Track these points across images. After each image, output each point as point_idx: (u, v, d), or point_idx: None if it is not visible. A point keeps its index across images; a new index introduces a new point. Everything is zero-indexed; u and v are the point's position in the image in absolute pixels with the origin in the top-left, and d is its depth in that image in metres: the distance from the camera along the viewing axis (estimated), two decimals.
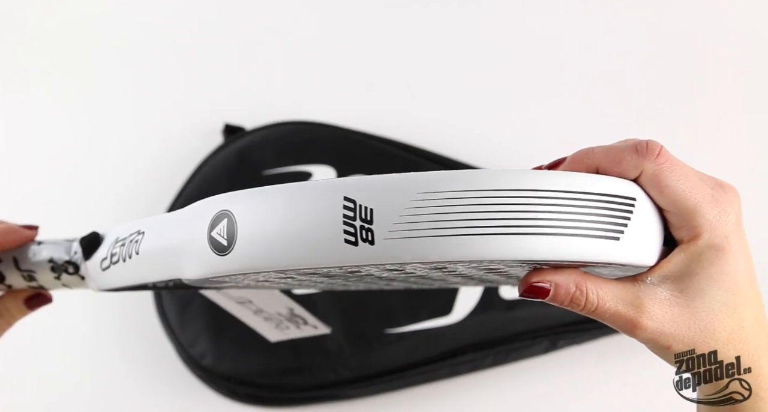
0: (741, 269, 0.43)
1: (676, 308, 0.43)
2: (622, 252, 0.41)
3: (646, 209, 0.42)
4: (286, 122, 1.01)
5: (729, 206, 0.44)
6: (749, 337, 0.44)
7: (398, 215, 0.39)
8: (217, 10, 1.18)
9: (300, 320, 0.71)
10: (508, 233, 0.39)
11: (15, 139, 1.09)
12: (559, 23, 1.17)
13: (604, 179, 0.41)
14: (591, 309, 0.43)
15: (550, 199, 0.39)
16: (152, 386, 0.92)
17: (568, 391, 0.91)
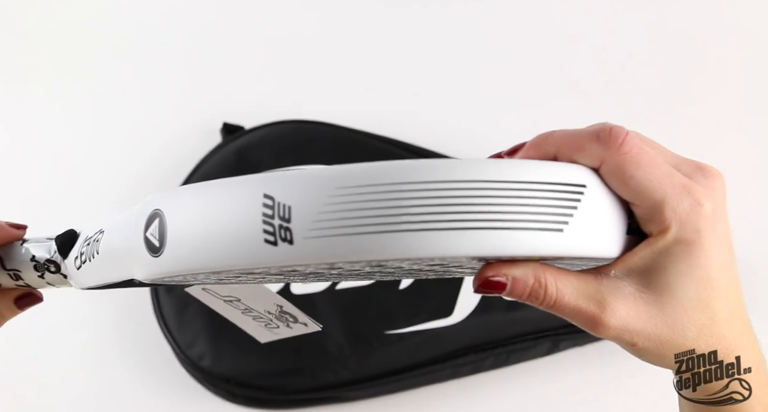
0: (714, 263, 0.40)
1: (641, 304, 0.40)
2: (566, 244, 0.37)
3: (599, 198, 0.39)
4: (285, 121, 1.01)
5: (705, 194, 0.40)
6: (723, 331, 0.42)
7: (317, 212, 0.36)
8: (216, 9, 1.19)
9: (289, 318, 0.69)
10: (431, 228, 0.36)
11: (15, 138, 1.09)
12: (559, 23, 1.17)
13: (546, 166, 0.38)
14: (550, 303, 0.40)
15: (481, 191, 0.36)
16: (150, 388, 0.91)
17: (569, 393, 0.90)
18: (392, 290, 0.89)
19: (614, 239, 0.40)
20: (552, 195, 0.37)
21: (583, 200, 0.38)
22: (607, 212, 0.39)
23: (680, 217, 0.39)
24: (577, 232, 0.38)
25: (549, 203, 0.37)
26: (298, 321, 0.68)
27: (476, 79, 1.12)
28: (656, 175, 0.39)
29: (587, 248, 0.38)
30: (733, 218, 1.03)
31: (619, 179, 0.39)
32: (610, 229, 0.39)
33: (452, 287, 0.89)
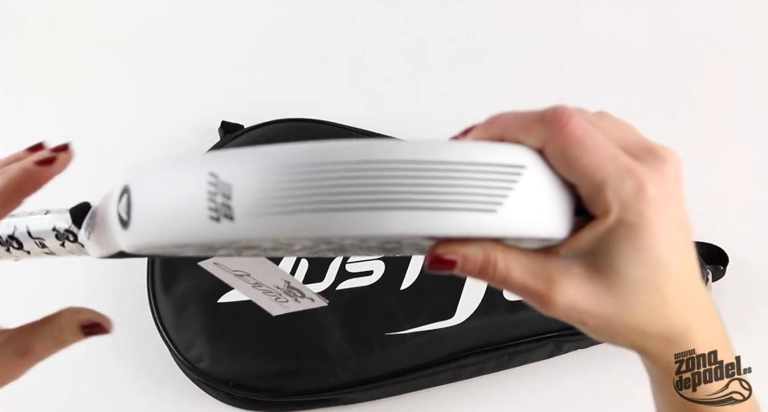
0: (661, 246, 0.40)
1: (589, 285, 0.40)
2: (498, 225, 0.37)
3: (539, 179, 0.39)
4: (284, 120, 1.02)
5: (651, 177, 0.39)
6: (674, 312, 0.42)
7: (257, 190, 0.37)
8: (216, 8, 1.20)
9: (297, 293, 0.70)
10: (363, 208, 0.37)
11: (13, 138, 1.09)
12: (560, 23, 1.17)
13: (482, 147, 0.38)
14: (500, 279, 0.40)
15: (414, 171, 0.37)
16: (148, 390, 0.91)
17: (572, 396, 0.90)
18: (393, 291, 0.88)
19: (558, 220, 0.40)
20: (486, 176, 0.38)
21: (521, 181, 0.38)
22: (548, 192, 0.39)
23: (622, 199, 0.39)
24: (512, 212, 0.38)
25: (482, 184, 0.37)
26: (305, 296, 0.69)
27: (476, 79, 1.13)
28: (598, 157, 0.39)
29: (523, 228, 0.38)
30: (734, 218, 1.03)
31: (561, 161, 0.39)
32: (553, 210, 0.39)
33: (454, 288, 0.89)
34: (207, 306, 0.88)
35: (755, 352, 0.48)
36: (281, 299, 0.69)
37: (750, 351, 0.48)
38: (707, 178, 1.04)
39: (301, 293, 0.68)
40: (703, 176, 1.04)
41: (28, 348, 0.46)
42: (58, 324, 0.47)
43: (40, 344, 0.47)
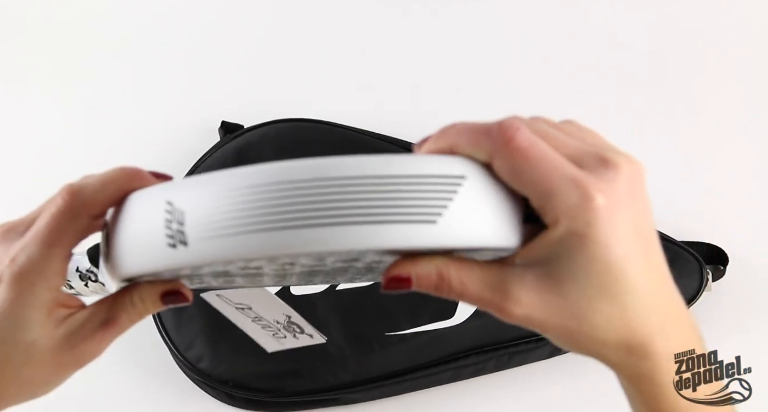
0: (615, 256, 0.39)
1: (545, 293, 0.40)
2: (439, 236, 0.38)
3: (480, 188, 0.39)
4: (284, 120, 1.01)
5: (599, 187, 0.39)
6: (635, 323, 0.41)
7: (206, 214, 0.39)
8: (216, 8, 1.20)
9: (296, 329, 0.71)
10: (309, 225, 0.38)
11: (12, 137, 1.10)
12: (560, 23, 1.17)
13: (419, 160, 0.39)
14: (457, 294, 0.41)
15: (353, 187, 0.38)
16: (148, 390, 0.91)
17: (573, 395, 0.90)
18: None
19: (505, 229, 0.40)
20: (424, 188, 0.38)
21: (461, 192, 0.39)
22: (491, 202, 0.39)
23: (569, 210, 0.39)
24: (453, 223, 0.38)
25: (421, 196, 0.38)
26: (305, 332, 0.70)
27: (476, 78, 1.13)
28: (544, 169, 0.39)
29: (465, 238, 0.39)
30: (734, 218, 1.03)
31: (509, 174, 0.40)
32: (498, 219, 0.40)
33: None
34: (207, 306, 0.88)
35: (755, 352, 0.48)
36: (279, 334, 0.70)
37: (750, 351, 0.48)
38: (707, 178, 1.04)
39: (300, 328, 0.69)
40: (703, 176, 1.04)
41: (112, 319, 0.47)
42: (138, 294, 0.48)
43: (123, 315, 0.47)
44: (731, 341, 0.79)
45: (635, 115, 1.09)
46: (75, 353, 0.47)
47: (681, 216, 0.97)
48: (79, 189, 0.44)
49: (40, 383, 0.48)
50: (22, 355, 0.46)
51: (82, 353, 0.47)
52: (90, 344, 0.47)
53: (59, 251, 0.45)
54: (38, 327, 0.46)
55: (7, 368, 0.46)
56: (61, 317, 0.47)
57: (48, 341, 0.46)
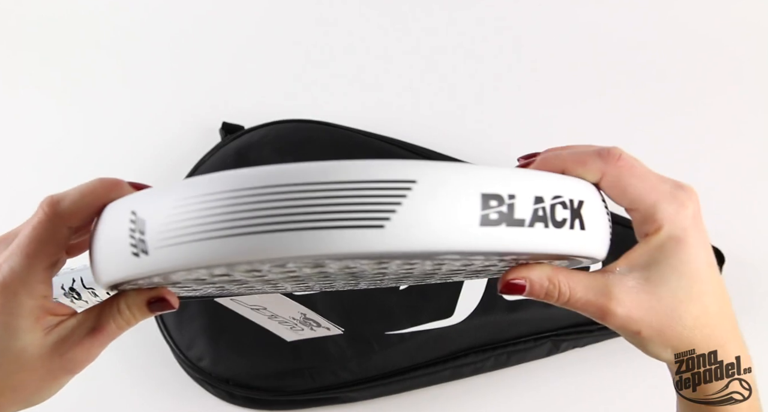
0: (701, 260, 0.46)
1: (643, 295, 0.45)
2: (389, 240, 0.38)
3: (433, 192, 0.39)
4: (284, 121, 1.01)
5: (687, 201, 0.46)
6: (715, 323, 0.47)
7: (164, 222, 0.40)
8: (216, 8, 1.19)
9: (313, 323, 0.72)
10: (259, 231, 0.38)
11: (10, 138, 1.09)
12: (561, 22, 1.17)
13: (370, 165, 0.39)
14: (564, 300, 0.45)
15: (303, 193, 0.38)
16: (149, 389, 0.91)
17: (570, 394, 0.90)
18: (393, 291, 0.89)
19: (461, 232, 0.39)
20: (372, 193, 0.38)
21: (410, 196, 0.38)
22: (445, 206, 0.39)
23: (670, 217, 0.45)
24: (402, 228, 0.38)
25: (369, 201, 0.38)
26: (321, 326, 0.71)
27: (476, 78, 1.13)
28: (649, 183, 0.46)
29: (416, 243, 0.39)
30: (734, 219, 1.03)
31: (619, 188, 0.46)
32: (453, 222, 0.39)
33: (453, 288, 0.89)
34: (208, 306, 0.88)
35: (752, 351, 0.49)
36: (297, 327, 0.71)
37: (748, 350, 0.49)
38: (703, 178, 1.04)
39: (317, 323, 0.70)
40: (699, 176, 1.04)
41: (100, 326, 0.48)
42: (124, 301, 0.49)
43: (111, 322, 0.48)
44: None
45: (632, 115, 1.09)
46: (64, 360, 0.47)
47: None
48: (58, 201, 0.45)
49: (33, 389, 0.48)
50: (12, 362, 0.47)
51: (72, 359, 0.48)
52: (79, 350, 0.47)
53: (40, 260, 0.46)
54: (27, 334, 0.47)
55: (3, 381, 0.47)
56: (51, 324, 0.48)
57: (38, 348, 0.47)
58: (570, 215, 0.42)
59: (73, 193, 0.45)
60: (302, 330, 0.72)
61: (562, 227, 0.41)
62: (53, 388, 0.49)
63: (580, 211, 0.42)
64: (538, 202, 0.40)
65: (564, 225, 0.41)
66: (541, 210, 0.41)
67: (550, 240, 0.41)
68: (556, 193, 0.41)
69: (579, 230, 0.42)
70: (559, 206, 0.41)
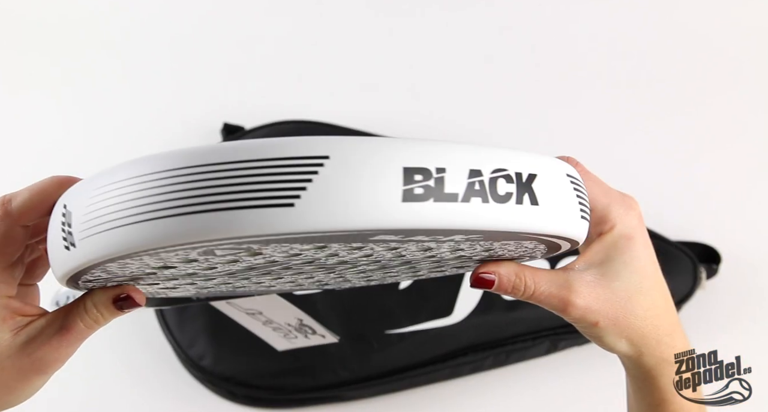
0: (647, 257, 0.50)
1: (599, 289, 0.49)
2: (299, 219, 0.36)
3: (343, 166, 0.37)
4: (285, 122, 1.01)
5: (633, 205, 0.51)
6: (662, 315, 0.51)
7: (84, 214, 0.39)
8: (217, 9, 1.18)
9: (308, 330, 0.71)
10: (168, 215, 0.37)
11: (11, 138, 1.09)
12: (559, 23, 1.17)
13: (282, 142, 0.37)
14: (529, 293, 0.49)
15: (209, 174, 0.37)
16: (151, 387, 0.92)
17: (569, 392, 0.91)
18: (392, 290, 0.89)
19: (378, 207, 0.37)
20: (284, 170, 0.37)
21: (322, 172, 0.37)
22: (361, 182, 0.37)
23: (621, 217, 0.50)
24: (313, 205, 0.37)
25: (280, 179, 0.37)
26: (317, 333, 0.70)
27: (477, 79, 1.13)
28: (602, 188, 0.50)
29: (328, 222, 0.37)
30: (733, 219, 1.03)
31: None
32: (372, 197, 0.37)
33: (452, 287, 0.89)
34: (208, 305, 0.88)
35: (747, 347, 0.50)
36: (290, 335, 0.70)
37: (742, 347, 0.50)
38: (699, 178, 1.04)
39: (312, 329, 0.69)
40: (696, 177, 1.04)
41: (67, 325, 0.48)
42: (90, 299, 0.48)
43: (78, 321, 0.48)
44: (725, 337, 0.81)
45: (632, 115, 1.09)
46: (33, 359, 0.47)
47: (675, 216, 0.97)
48: (9, 200, 0.46)
49: (4, 389, 0.48)
50: None
51: (41, 359, 0.47)
52: (47, 350, 0.47)
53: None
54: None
55: None
56: (20, 325, 0.48)
57: (6, 348, 0.47)
58: (517, 189, 0.39)
59: (23, 192, 0.46)
60: (296, 338, 0.72)
61: (506, 201, 0.39)
62: (26, 389, 0.49)
63: (530, 185, 0.40)
64: (475, 176, 0.38)
65: (508, 200, 0.39)
66: (478, 184, 0.38)
67: (489, 215, 0.39)
68: (498, 166, 0.39)
69: (529, 206, 0.40)
70: (501, 179, 0.39)
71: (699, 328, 0.74)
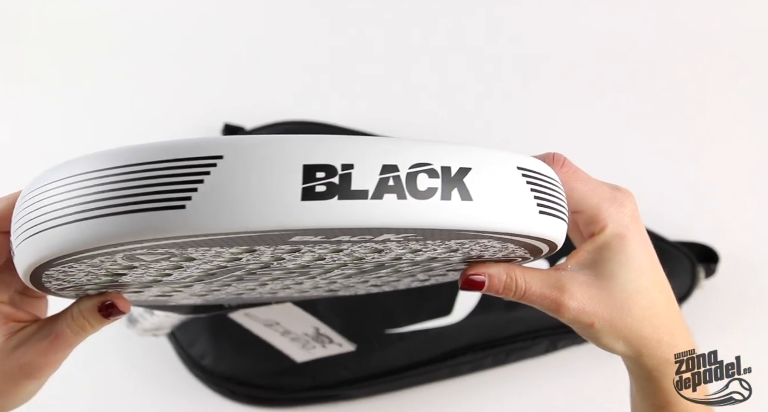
0: (643, 255, 0.49)
1: (594, 290, 0.48)
2: (191, 220, 0.36)
3: (236, 166, 0.36)
4: (286, 122, 1.01)
5: (625, 201, 0.49)
6: (663, 314, 0.49)
7: (16, 220, 0.39)
8: (218, 9, 1.18)
9: (325, 339, 0.72)
10: (69, 222, 0.37)
11: (12, 138, 1.09)
12: (558, 23, 1.17)
13: (175, 144, 0.37)
14: (521, 294, 0.48)
15: (108, 178, 0.37)
16: (151, 387, 0.92)
17: (568, 391, 0.91)
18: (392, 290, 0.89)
19: (274, 207, 0.36)
20: (177, 172, 0.36)
21: (214, 173, 0.36)
22: (257, 180, 0.36)
23: (612, 216, 0.48)
24: (205, 206, 0.36)
25: (173, 181, 0.36)
26: (333, 342, 0.70)
27: (478, 79, 1.13)
28: (590, 187, 0.48)
29: (218, 222, 0.36)
30: (732, 219, 1.03)
31: (564, 191, 0.46)
32: (266, 198, 0.36)
33: (452, 287, 0.89)
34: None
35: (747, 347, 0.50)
36: (309, 345, 0.70)
37: (742, 347, 0.50)
38: (698, 178, 1.04)
39: (329, 338, 0.70)
40: (694, 177, 1.05)
41: (56, 332, 0.49)
42: (77, 307, 0.49)
43: (66, 328, 0.49)
44: (724, 337, 0.81)
45: (632, 115, 1.09)
46: (22, 363, 0.48)
47: (673, 216, 0.98)
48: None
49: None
50: None
51: (29, 363, 0.48)
52: (36, 355, 0.48)
53: None
54: None
55: None
56: (12, 330, 0.49)
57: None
58: (442, 185, 0.37)
59: (2, 199, 0.47)
60: (314, 348, 0.72)
61: (428, 197, 0.37)
62: (18, 393, 0.50)
63: (461, 179, 0.38)
64: (389, 171, 0.36)
65: (431, 196, 0.37)
66: (393, 179, 0.36)
67: (406, 212, 0.37)
68: (420, 160, 0.37)
69: (459, 201, 0.38)
70: (423, 174, 0.37)
71: (698, 328, 0.73)
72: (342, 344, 0.71)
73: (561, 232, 0.43)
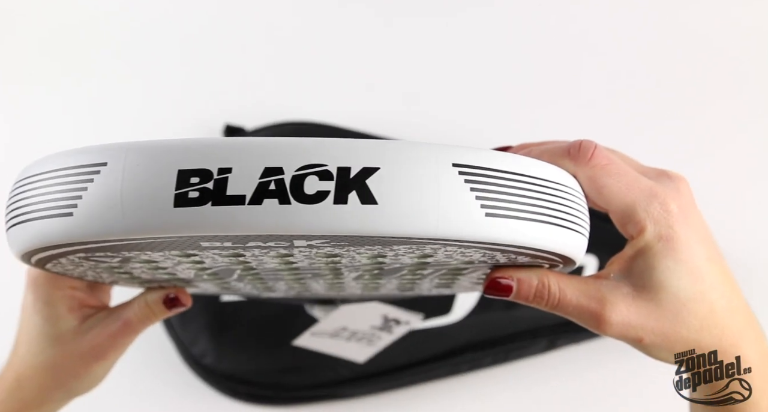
0: (698, 256, 0.43)
1: (641, 302, 0.42)
2: (76, 228, 0.36)
3: (115, 172, 0.36)
4: (287, 123, 1.01)
5: (671, 195, 0.43)
6: (724, 321, 0.44)
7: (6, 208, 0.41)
8: (218, 9, 1.18)
9: (393, 324, 0.72)
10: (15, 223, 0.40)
11: (13, 138, 1.09)
12: (558, 24, 1.17)
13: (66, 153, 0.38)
14: (554, 303, 0.43)
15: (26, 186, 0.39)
16: (152, 385, 0.92)
17: (567, 390, 0.91)
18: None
19: (148, 214, 0.36)
20: (67, 180, 0.37)
21: (97, 180, 0.36)
22: (130, 185, 0.36)
23: (652, 216, 0.42)
24: (89, 213, 0.36)
25: (63, 188, 0.37)
26: (401, 322, 0.70)
27: (477, 79, 1.13)
28: (625, 182, 0.42)
29: (96, 229, 0.36)
30: (731, 219, 1.03)
31: (592, 189, 0.42)
32: (138, 203, 0.36)
33: None
34: (211, 303, 0.89)
35: None
36: (374, 338, 0.70)
37: None
38: (697, 178, 1.04)
39: (396, 320, 0.69)
40: (693, 177, 1.04)
41: (124, 319, 0.54)
42: (144, 299, 0.54)
43: (135, 316, 0.54)
44: None
45: (632, 115, 1.09)
46: (93, 345, 0.53)
47: None
48: None
49: (69, 371, 0.54)
50: (51, 345, 0.53)
51: (99, 345, 0.53)
52: (105, 338, 0.53)
53: None
54: (62, 322, 0.53)
55: (40, 357, 0.53)
56: (86, 315, 0.54)
57: (72, 333, 0.53)
58: (336, 187, 0.34)
59: None
60: (380, 339, 0.72)
61: (317, 201, 0.34)
62: (89, 375, 0.55)
63: (362, 181, 0.34)
64: (271, 175, 0.34)
65: (322, 199, 0.34)
66: (275, 183, 0.34)
67: (290, 217, 0.34)
68: (310, 162, 0.34)
69: (359, 205, 0.34)
70: (312, 177, 0.34)
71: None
72: (410, 320, 0.69)
73: (531, 236, 0.37)
